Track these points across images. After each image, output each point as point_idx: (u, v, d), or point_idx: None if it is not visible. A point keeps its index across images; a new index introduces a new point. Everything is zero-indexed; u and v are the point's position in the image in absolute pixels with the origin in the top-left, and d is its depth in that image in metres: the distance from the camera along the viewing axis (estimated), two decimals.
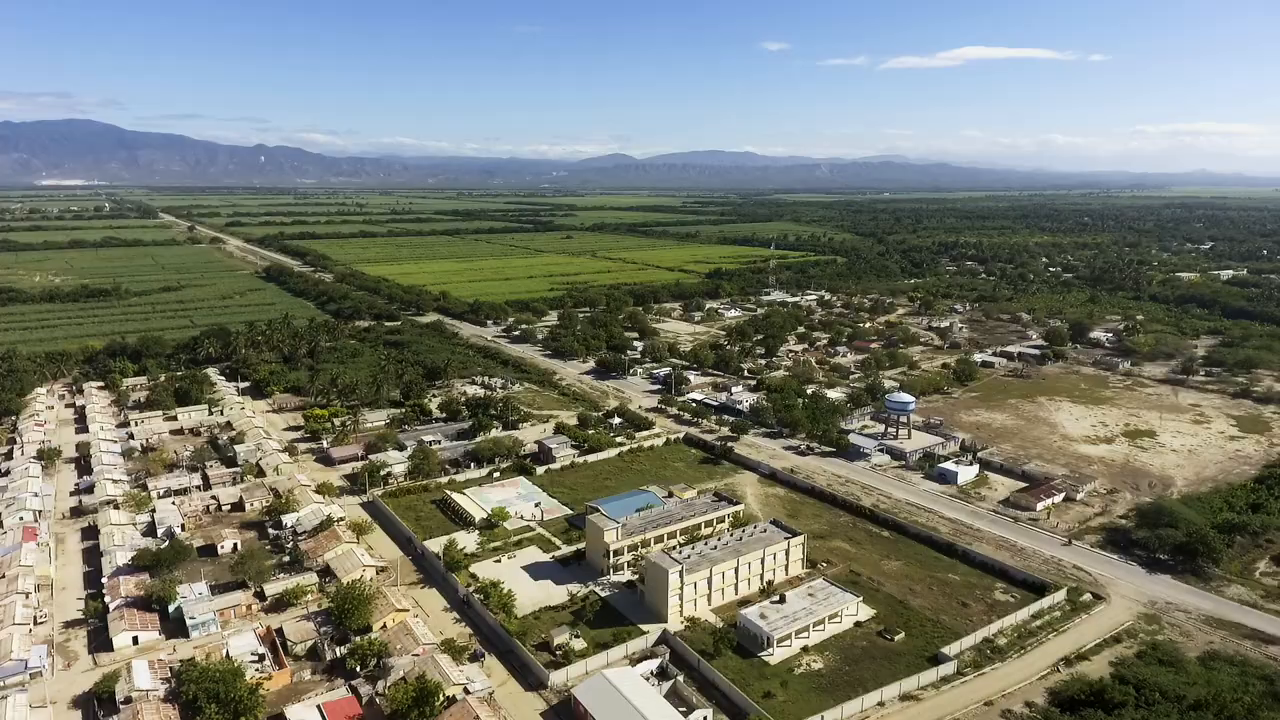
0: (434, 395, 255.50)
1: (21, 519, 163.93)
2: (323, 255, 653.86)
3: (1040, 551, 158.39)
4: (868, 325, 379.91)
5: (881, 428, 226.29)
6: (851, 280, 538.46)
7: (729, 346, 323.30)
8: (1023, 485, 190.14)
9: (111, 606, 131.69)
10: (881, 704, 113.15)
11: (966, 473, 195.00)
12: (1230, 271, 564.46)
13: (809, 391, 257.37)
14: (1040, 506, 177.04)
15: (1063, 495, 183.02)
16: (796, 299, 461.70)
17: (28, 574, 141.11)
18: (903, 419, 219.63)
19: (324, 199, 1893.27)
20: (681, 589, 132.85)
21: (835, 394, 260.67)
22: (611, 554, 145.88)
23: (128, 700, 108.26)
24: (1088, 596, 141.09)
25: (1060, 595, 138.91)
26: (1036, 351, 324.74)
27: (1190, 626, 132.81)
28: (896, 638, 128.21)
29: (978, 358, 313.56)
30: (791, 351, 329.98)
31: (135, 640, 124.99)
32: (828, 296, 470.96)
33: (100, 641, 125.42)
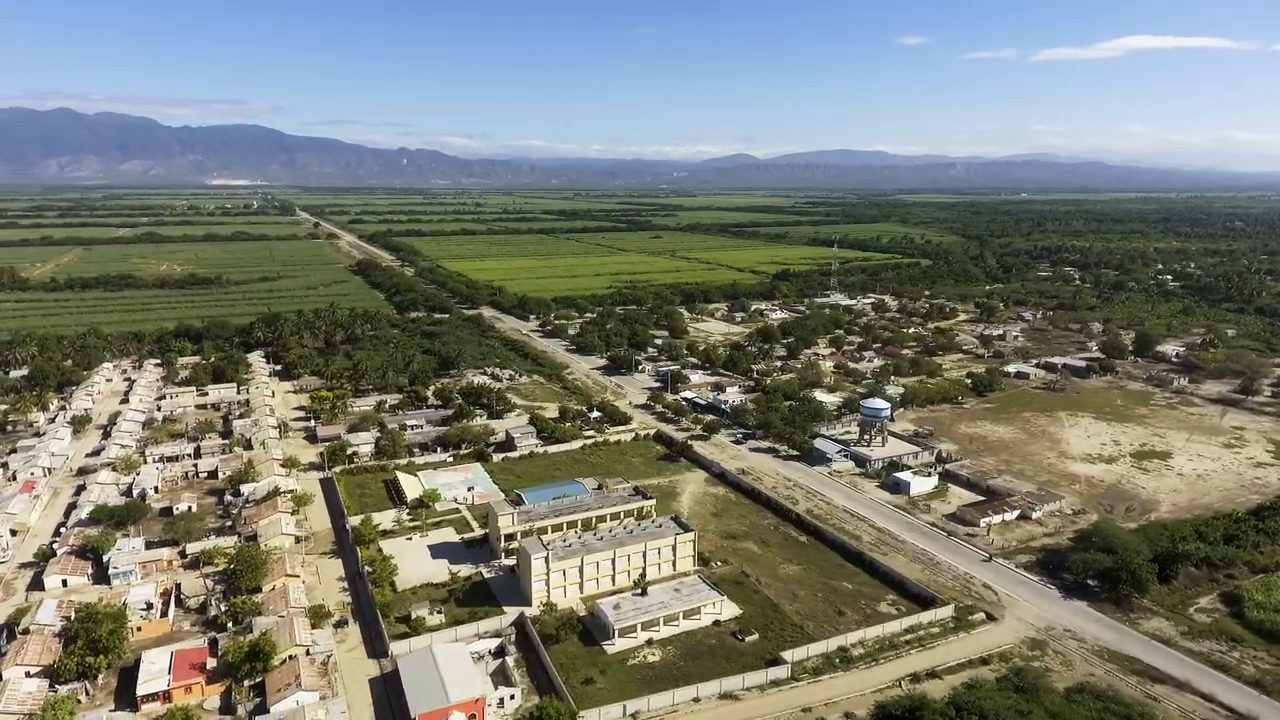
0: (441, 383, 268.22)
1: (32, 474, 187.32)
2: (414, 251, 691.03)
3: (955, 567, 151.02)
4: (909, 331, 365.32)
5: (869, 434, 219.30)
6: (926, 284, 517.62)
7: (749, 347, 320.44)
8: (979, 499, 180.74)
9: (58, 553, 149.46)
10: (697, 700, 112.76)
11: (922, 484, 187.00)
12: None
13: (801, 394, 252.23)
14: (984, 522, 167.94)
15: (1017, 512, 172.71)
16: (854, 302, 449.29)
17: (8, 520, 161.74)
18: (876, 426, 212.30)
19: (449, 199, 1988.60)
20: (548, 575, 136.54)
21: (832, 398, 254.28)
22: (504, 538, 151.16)
23: (26, 631, 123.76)
24: (979, 615, 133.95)
25: (945, 611, 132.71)
26: (1083, 364, 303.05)
27: (1077, 656, 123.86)
28: (748, 639, 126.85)
29: (1011, 369, 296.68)
30: (818, 354, 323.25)
31: (64, 583, 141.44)
32: (888, 300, 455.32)
33: (38, 582, 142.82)
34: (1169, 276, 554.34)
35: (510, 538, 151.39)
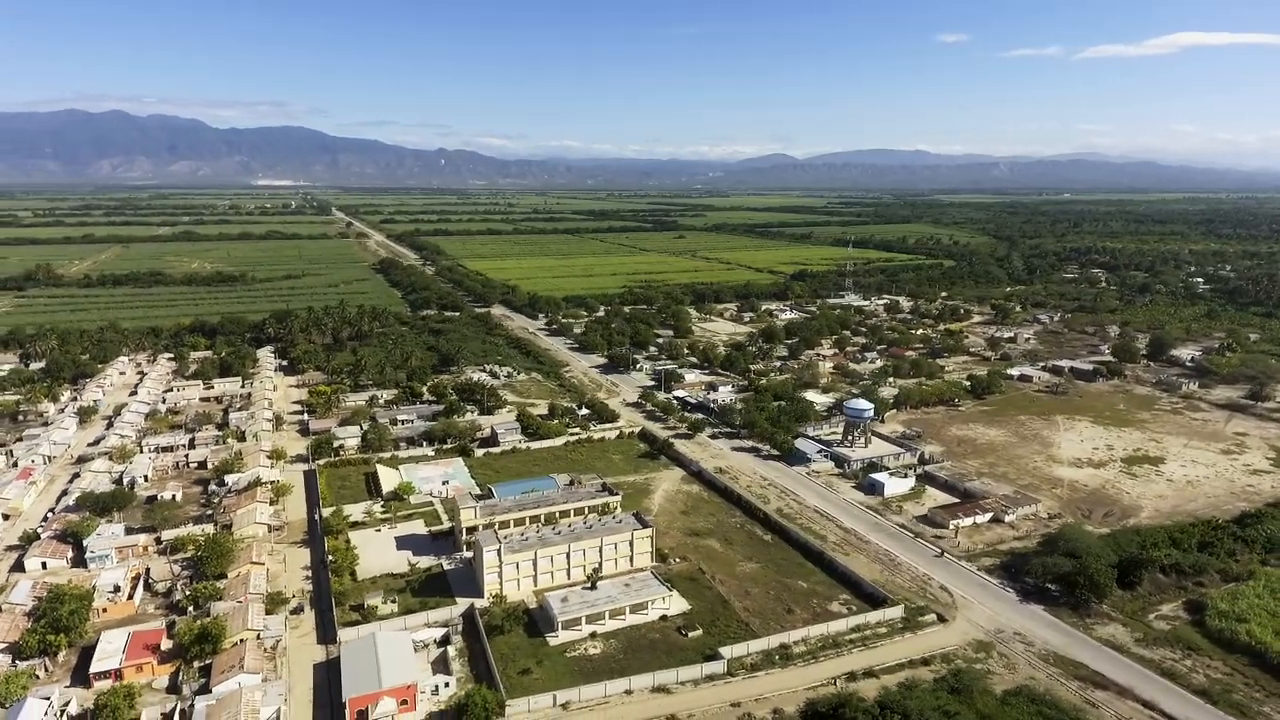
0: (438, 379, 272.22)
1: (32, 461, 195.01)
2: (438, 250, 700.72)
3: (915, 568, 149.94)
4: (917, 332, 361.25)
5: (852, 434, 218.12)
6: (945, 285, 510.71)
7: (749, 347, 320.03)
8: (954, 501, 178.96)
9: (41, 536, 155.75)
10: (629, 692, 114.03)
11: (898, 485, 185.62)
12: None
13: (793, 395, 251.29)
14: (953, 524, 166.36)
15: (990, 515, 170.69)
16: (867, 303, 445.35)
17: (1, 505, 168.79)
18: (860, 426, 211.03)
19: (482, 199, 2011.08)
20: (500, 567, 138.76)
21: (825, 399, 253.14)
22: (465, 531, 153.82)
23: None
24: (930, 616, 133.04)
25: (894, 612, 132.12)
26: (1090, 367, 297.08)
27: (1022, 659, 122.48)
28: (691, 634, 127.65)
29: (1014, 371, 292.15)
30: (820, 355, 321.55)
31: (44, 565, 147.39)
32: (902, 301, 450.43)
33: (20, 564, 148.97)
34: (1200, 279, 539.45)
35: (473, 530, 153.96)
